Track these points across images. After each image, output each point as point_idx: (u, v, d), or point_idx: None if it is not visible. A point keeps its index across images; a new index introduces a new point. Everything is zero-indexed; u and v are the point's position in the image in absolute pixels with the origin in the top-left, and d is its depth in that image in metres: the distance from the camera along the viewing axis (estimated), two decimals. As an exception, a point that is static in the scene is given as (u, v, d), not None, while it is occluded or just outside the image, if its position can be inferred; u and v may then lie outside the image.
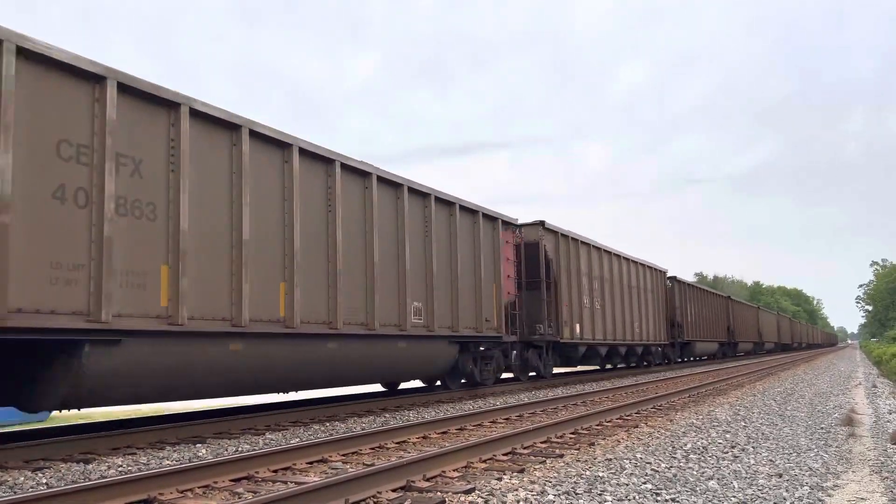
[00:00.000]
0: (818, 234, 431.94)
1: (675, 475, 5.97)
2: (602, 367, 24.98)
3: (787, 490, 5.43)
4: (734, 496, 5.20)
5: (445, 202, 13.86)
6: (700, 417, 10.26)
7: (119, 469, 6.57)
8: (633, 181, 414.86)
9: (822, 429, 9.11)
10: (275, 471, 6.16)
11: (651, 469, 6.22)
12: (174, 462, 6.91)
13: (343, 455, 6.99)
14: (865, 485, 5.76)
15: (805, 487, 5.54)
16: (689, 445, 7.58)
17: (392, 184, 12.34)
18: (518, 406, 11.12)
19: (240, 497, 5.25)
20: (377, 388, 16.27)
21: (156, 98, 8.14)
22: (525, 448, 7.28)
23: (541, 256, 17.89)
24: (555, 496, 5.08)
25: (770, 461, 6.72)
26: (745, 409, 11.42)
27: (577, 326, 19.57)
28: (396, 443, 7.81)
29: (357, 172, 11.44)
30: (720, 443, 7.83)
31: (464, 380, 15.19)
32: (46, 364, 7.35)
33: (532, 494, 5.11)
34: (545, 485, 5.45)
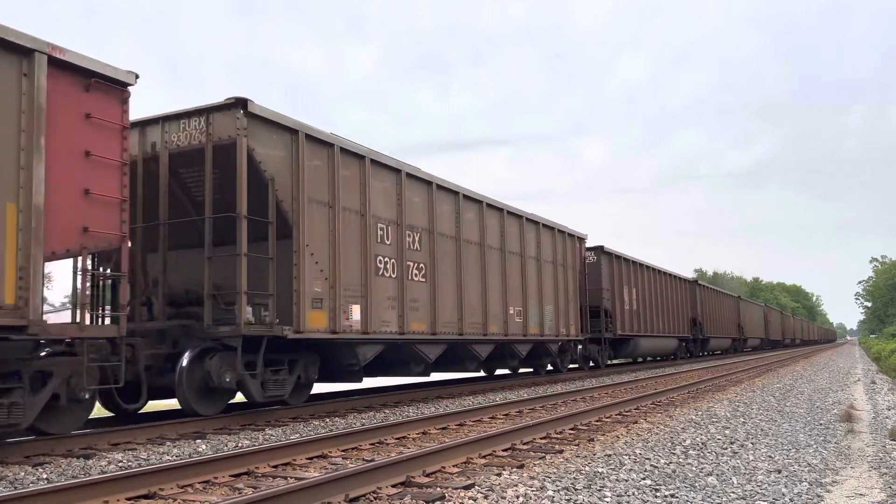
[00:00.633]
0: (818, 231, 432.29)
1: (675, 471, 5.99)
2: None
3: (786, 486, 5.44)
4: (733, 492, 5.21)
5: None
6: (699, 413, 10.27)
7: (119, 465, 6.58)
8: (634, 177, 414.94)
9: (821, 425, 9.12)
10: (275, 466, 6.17)
11: (650, 465, 6.23)
12: (174, 458, 6.92)
13: (343, 451, 7.00)
14: (864, 481, 5.77)
15: (804, 483, 5.55)
16: (689, 441, 7.59)
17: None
18: (517, 402, 11.13)
19: (240, 492, 5.26)
20: (374, 384, 16.28)
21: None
22: (524, 444, 7.29)
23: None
24: (554, 492, 5.09)
25: (769, 457, 6.73)
26: (745, 406, 11.44)
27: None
28: (396, 438, 7.82)
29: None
30: (719, 439, 7.85)
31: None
32: None
33: (531, 490, 5.13)
34: (544, 480, 5.46)
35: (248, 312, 9.17)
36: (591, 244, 22.04)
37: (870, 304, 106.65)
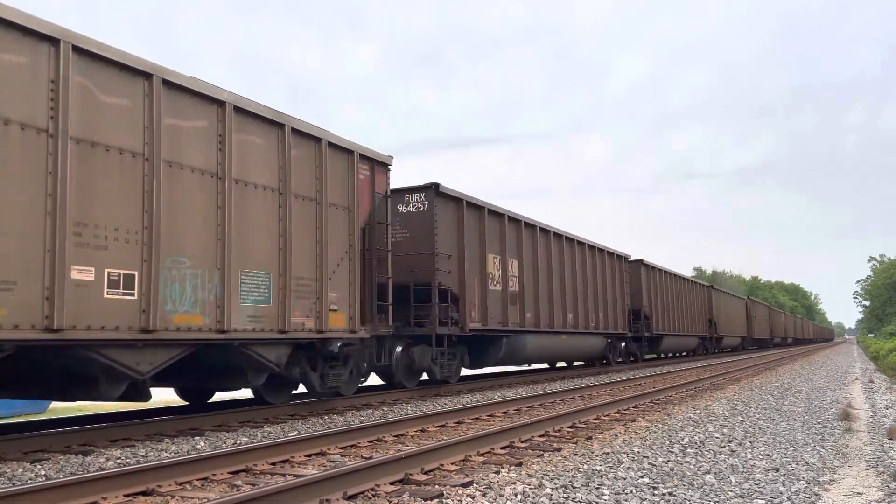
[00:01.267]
0: (817, 230, 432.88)
1: (673, 469, 5.99)
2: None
3: (784, 484, 5.45)
4: (731, 490, 5.22)
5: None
6: (697, 412, 10.28)
7: (117, 461, 6.58)
8: (633, 175, 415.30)
9: (819, 424, 9.14)
10: (273, 463, 6.17)
11: (648, 463, 6.24)
12: (172, 454, 6.92)
13: (341, 448, 7.00)
14: (862, 479, 5.78)
15: (802, 482, 5.56)
16: (687, 440, 7.60)
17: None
18: (516, 400, 11.14)
19: (238, 490, 5.26)
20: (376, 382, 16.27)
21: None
22: (523, 442, 7.30)
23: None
24: (552, 490, 5.10)
25: (767, 456, 6.74)
26: (743, 404, 11.45)
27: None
28: (394, 436, 7.83)
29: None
30: (717, 437, 7.85)
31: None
32: None
33: (530, 488, 5.13)
34: (543, 478, 5.47)
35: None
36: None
37: (868, 304, 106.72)
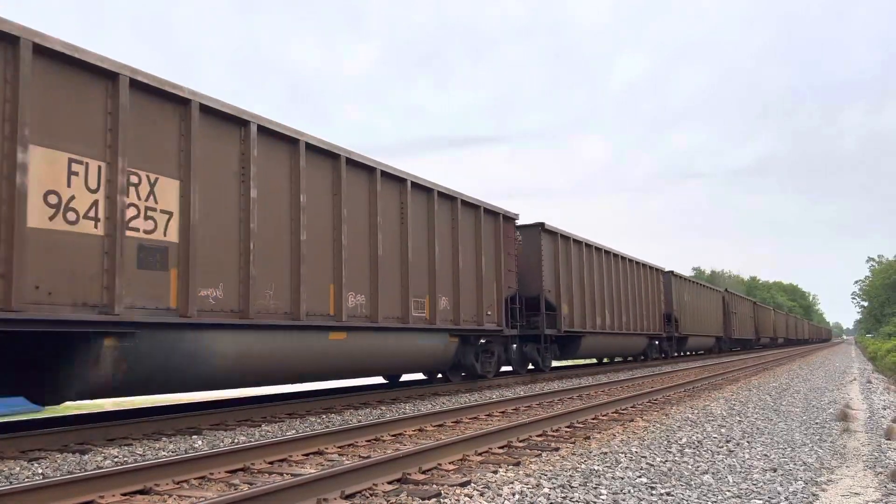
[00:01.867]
0: (816, 230, 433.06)
1: (671, 469, 5.99)
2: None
3: (782, 485, 5.45)
4: (729, 490, 5.22)
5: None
6: (695, 412, 10.29)
7: (115, 460, 6.57)
8: (633, 175, 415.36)
9: (817, 424, 9.14)
10: (271, 462, 6.17)
11: (646, 463, 6.24)
12: (170, 453, 6.92)
13: (339, 447, 7.00)
14: (859, 480, 5.78)
15: (799, 482, 5.56)
16: (685, 440, 7.60)
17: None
18: (514, 399, 11.14)
19: (235, 489, 5.26)
20: (376, 381, 16.27)
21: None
22: (521, 441, 7.30)
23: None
24: (550, 489, 5.09)
25: (765, 456, 6.74)
26: (741, 404, 11.46)
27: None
28: (393, 435, 7.82)
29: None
30: (715, 437, 7.86)
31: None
32: None
33: (528, 487, 5.13)
34: (541, 478, 5.46)
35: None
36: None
37: (866, 304, 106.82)
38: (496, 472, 5.71)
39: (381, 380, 15.97)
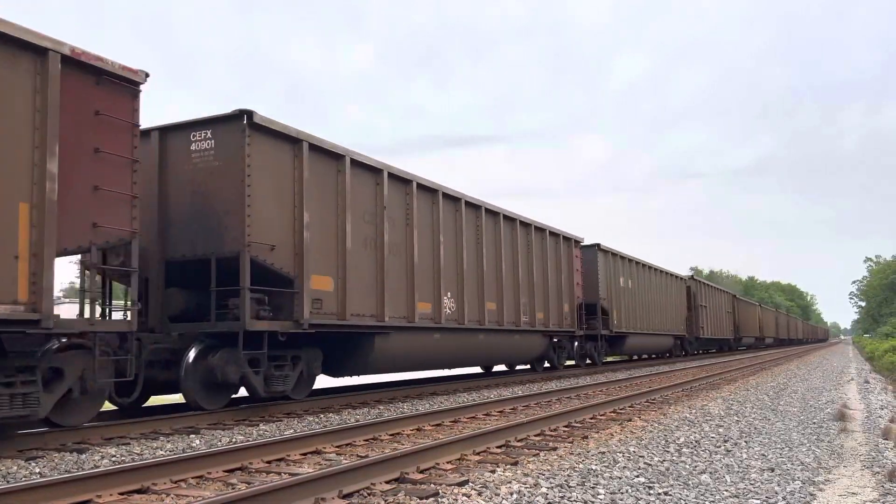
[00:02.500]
0: (815, 230, 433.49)
1: (668, 469, 6.00)
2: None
3: (779, 484, 5.46)
4: (726, 490, 5.22)
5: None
6: (693, 412, 10.29)
7: (112, 459, 6.57)
8: (632, 175, 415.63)
9: (815, 424, 9.15)
10: (268, 462, 6.16)
11: (644, 462, 6.24)
12: (168, 452, 6.91)
13: (337, 447, 6.99)
14: (857, 479, 5.79)
15: (797, 482, 5.57)
16: (682, 439, 7.61)
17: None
18: (512, 399, 11.14)
19: (233, 488, 5.26)
20: (372, 381, 16.28)
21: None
22: (519, 441, 7.30)
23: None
24: (548, 489, 5.10)
25: (762, 455, 6.75)
26: (738, 404, 11.47)
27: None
28: (390, 435, 7.82)
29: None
30: (713, 437, 7.86)
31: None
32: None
33: (525, 487, 5.13)
34: (538, 477, 5.46)
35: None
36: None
37: (864, 304, 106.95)
38: (494, 472, 5.71)
39: (376, 379, 16.14)
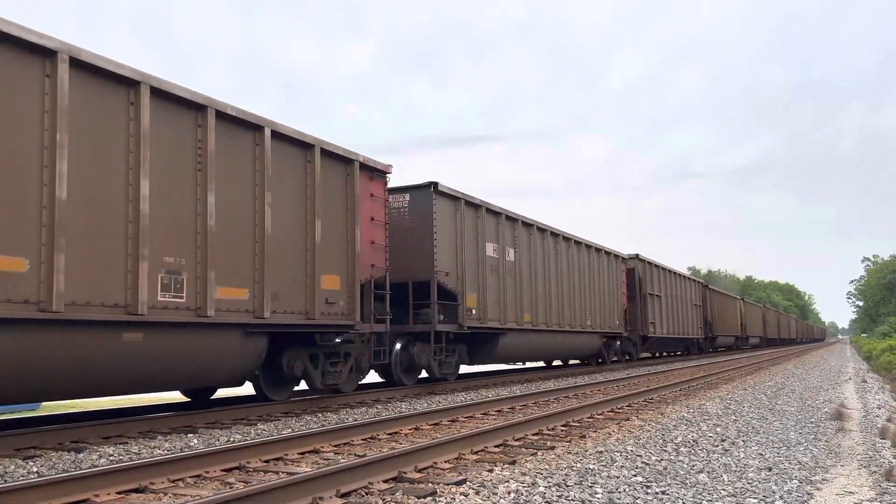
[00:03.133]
0: (812, 230, 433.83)
1: (666, 468, 6.00)
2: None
3: (777, 484, 5.46)
4: (724, 489, 5.23)
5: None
6: (691, 411, 10.31)
7: (110, 458, 6.56)
8: (631, 174, 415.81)
9: (812, 423, 9.17)
10: (266, 461, 6.16)
11: (642, 462, 6.25)
12: (166, 452, 6.90)
13: (335, 446, 6.99)
14: (854, 479, 5.80)
15: (794, 481, 5.58)
16: (680, 438, 7.62)
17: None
18: (510, 398, 11.15)
19: (231, 487, 5.25)
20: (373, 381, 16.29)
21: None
22: (516, 440, 7.30)
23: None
24: (546, 488, 5.10)
25: (760, 455, 6.76)
26: (736, 403, 11.48)
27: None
28: (388, 434, 7.82)
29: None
30: (711, 436, 7.87)
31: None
32: None
33: (523, 486, 5.13)
34: (536, 476, 5.47)
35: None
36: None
37: (861, 304, 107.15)
38: (492, 471, 5.71)
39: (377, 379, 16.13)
